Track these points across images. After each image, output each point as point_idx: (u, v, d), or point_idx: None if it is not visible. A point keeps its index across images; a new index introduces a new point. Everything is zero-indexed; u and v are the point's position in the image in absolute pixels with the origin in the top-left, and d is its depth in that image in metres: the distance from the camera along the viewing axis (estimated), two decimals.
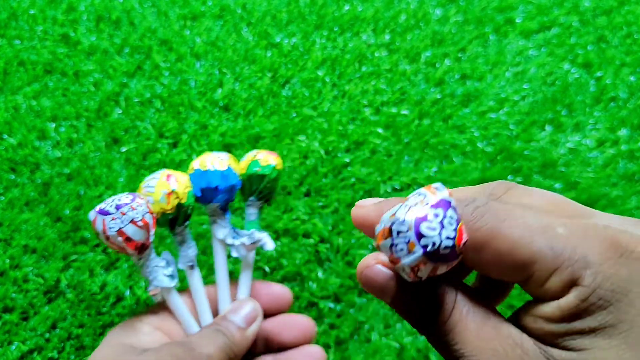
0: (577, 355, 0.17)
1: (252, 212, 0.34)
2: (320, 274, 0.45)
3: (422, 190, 0.18)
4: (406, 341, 0.43)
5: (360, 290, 0.46)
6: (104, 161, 0.47)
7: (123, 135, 0.49)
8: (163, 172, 0.31)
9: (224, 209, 0.33)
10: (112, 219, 0.28)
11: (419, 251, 0.17)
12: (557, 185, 0.50)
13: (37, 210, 0.45)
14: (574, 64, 0.57)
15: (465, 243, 0.18)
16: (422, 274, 0.17)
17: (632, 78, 0.57)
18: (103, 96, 0.50)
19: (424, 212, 0.17)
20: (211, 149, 0.49)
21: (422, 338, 0.44)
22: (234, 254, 0.33)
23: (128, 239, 0.28)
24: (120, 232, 0.28)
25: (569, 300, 0.17)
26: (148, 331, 0.31)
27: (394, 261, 0.18)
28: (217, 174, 0.31)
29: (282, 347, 0.35)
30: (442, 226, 0.17)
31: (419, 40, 0.57)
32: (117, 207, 0.28)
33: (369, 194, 0.49)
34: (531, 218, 0.18)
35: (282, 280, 0.45)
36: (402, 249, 0.17)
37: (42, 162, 0.47)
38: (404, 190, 0.49)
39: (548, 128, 0.53)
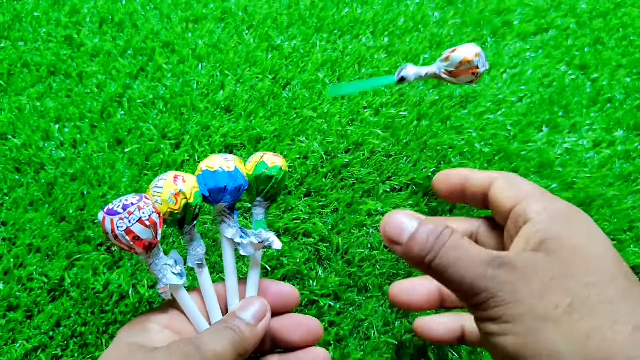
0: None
1: (259, 212, 0.35)
2: (320, 272, 0.46)
3: None
4: (405, 338, 0.44)
5: (360, 289, 0.46)
6: (107, 161, 0.48)
7: (126, 136, 0.49)
8: (170, 173, 0.32)
9: (232, 208, 0.34)
10: (120, 219, 0.29)
11: None
12: (554, 186, 0.51)
13: (41, 209, 0.46)
14: (570, 65, 0.58)
15: None
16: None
17: (627, 79, 0.57)
18: (106, 97, 0.51)
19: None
20: (213, 150, 0.50)
21: None
22: (242, 252, 0.34)
23: (136, 238, 0.29)
24: (127, 230, 0.29)
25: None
26: (157, 330, 0.32)
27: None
28: (225, 174, 0.32)
29: (288, 347, 0.35)
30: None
31: (418, 42, 0.58)
32: (124, 207, 0.29)
33: (367, 193, 0.50)
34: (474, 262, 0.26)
35: (283, 279, 0.45)
36: None
37: (46, 162, 0.48)
38: (402, 190, 0.50)
39: (545, 129, 0.54)
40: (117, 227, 0.29)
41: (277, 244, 0.35)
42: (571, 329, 0.22)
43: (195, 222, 0.33)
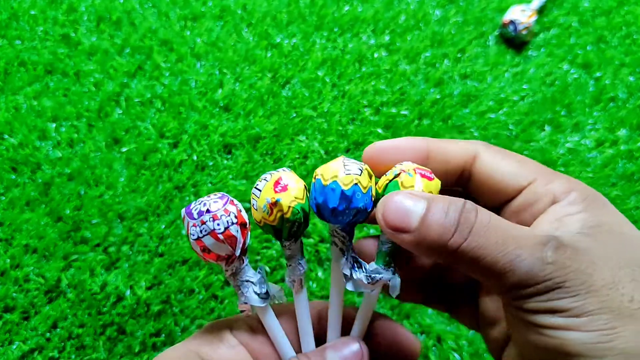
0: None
1: (383, 241, 0.27)
2: (320, 273, 0.46)
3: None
4: None
5: None
6: (105, 161, 0.48)
7: (124, 135, 0.49)
8: (276, 174, 0.26)
9: (347, 231, 0.27)
10: (193, 225, 0.25)
11: None
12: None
13: (38, 210, 0.45)
14: (573, 64, 0.57)
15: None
16: None
17: (631, 78, 0.57)
18: (104, 96, 0.50)
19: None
20: (211, 149, 0.49)
21: (422, 337, 0.44)
22: (349, 287, 0.27)
23: (205, 250, 0.25)
24: (198, 241, 0.25)
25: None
26: (232, 344, 0.27)
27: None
28: (337, 192, 0.25)
29: None
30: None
31: (419, 40, 0.57)
32: (200, 214, 0.25)
33: None
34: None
35: (282, 280, 0.45)
36: None
37: (43, 162, 0.47)
38: None
39: (547, 128, 0.53)
40: (190, 233, 0.25)
41: (394, 290, 0.27)
42: None
43: (295, 238, 0.27)
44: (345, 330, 0.29)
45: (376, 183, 0.26)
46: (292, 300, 0.28)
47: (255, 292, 0.27)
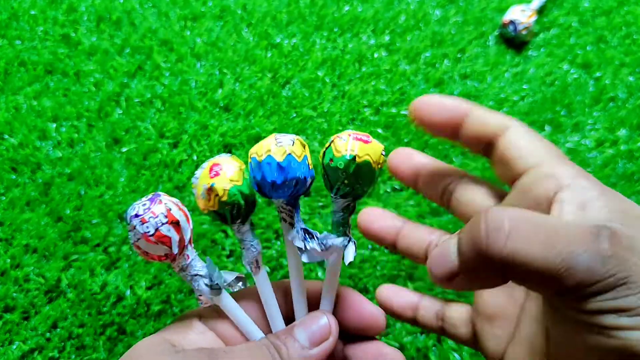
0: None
1: (335, 211, 0.28)
2: (320, 273, 0.46)
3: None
4: (406, 340, 0.43)
5: (360, 290, 0.46)
6: (105, 161, 0.48)
7: (124, 136, 0.49)
8: (211, 161, 0.26)
9: (293, 205, 0.27)
10: (129, 230, 0.25)
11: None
12: None
13: (38, 210, 0.45)
14: (573, 64, 0.57)
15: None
16: None
17: (631, 78, 0.57)
18: (104, 96, 0.50)
19: None
20: (211, 149, 0.49)
21: (422, 337, 0.44)
22: (304, 259, 0.27)
23: (144, 253, 0.26)
24: (135, 245, 0.25)
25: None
26: (200, 330, 0.28)
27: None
28: (274, 165, 0.25)
29: None
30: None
31: (419, 40, 0.57)
32: (130, 219, 0.25)
33: (367, 193, 0.49)
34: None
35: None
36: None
37: (43, 162, 0.47)
38: (403, 190, 0.49)
39: (547, 128, 0.53)
40: (129, 238, 0.25)
41: (348, 256, 0.27)
42: None
43: (241, 220, 0.27)
44: (315, 305, 0.29)
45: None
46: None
47: (206, 284, 0.27)
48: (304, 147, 0.26)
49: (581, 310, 0.19)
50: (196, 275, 0.27)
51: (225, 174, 0.26)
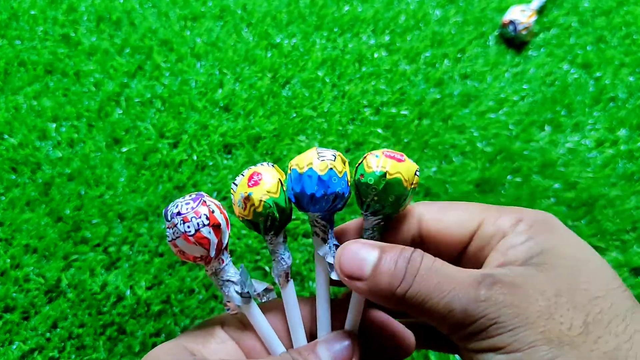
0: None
1: (366, 229, 0.28)
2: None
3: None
4: None
5: None
6: (105, 161, 0.48)
7: (124, 136, 0.49)
8: (252, 169, 0.26)
9: (327, 220, 0.27)
10: (167, 227, 0.25)
11: None
12: (557, 185, 0.50)
13: (38, 210, 0.45)
14: (573, 64, 0.57)
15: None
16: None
17: (631, 78, 0.57)
18: (104, 96, 0.50)
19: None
20: (211, 149, 0.49)
21: None
22: (334, 276, 0.27)
23: (181, 252, 0.25)
24: (173, 243, 0.25)
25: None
26: (222, 339, 0.27)
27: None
28: (314, 178, 0.25)
29: None
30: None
31: (419, 40, 0.57)
32: (172, 216, 0.25)
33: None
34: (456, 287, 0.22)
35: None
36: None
37: (43, 162, 0.47)
38: None
39: (547, 128, 0.53)
40: (166, 235, 0.25)
41: None
42: (589, 352, 0.20)
43: (274, 232, 0.27)
44: (340, 324, 0.28)
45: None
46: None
47: (237, 292, 0.27)
48: (345, 163, 0.27)
49: (469, 350, 0.22)
50: (228, 281, 0.27)
51: (264, 184, 0.26)
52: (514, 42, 0.58)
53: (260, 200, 0.25)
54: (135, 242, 0.45)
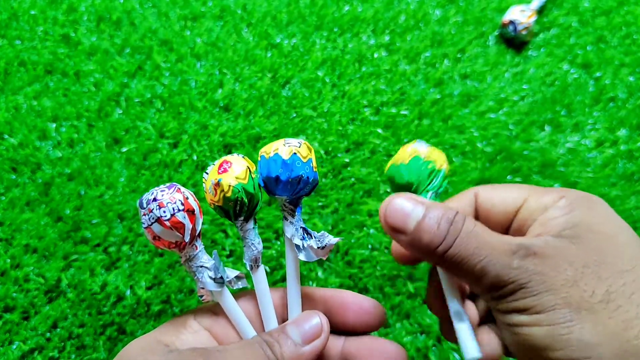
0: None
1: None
2: (320, 273, 0.46)
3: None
4: (406, 340, 0.43)
5: (360, 290, 0.46)
6: (105, 161, 0.48)
7: (124, 136, 0.49)
8: (223, 158, 0.28)
9: (294, 204, 0.29)
10: (143, 214, 0.26)
11: None
12: (556, 186, 0.50)
13: (38, 210, 0.45)
14: (573, 64, 0.57)
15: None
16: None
17: (631, 78, 0.57)
18: (104, 96, 0.50)
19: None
20: (211, 149, 0.49)
21: (422, 337, 0.44)
22: (302, 257, 0.28)
23: (156, 238, 0.26)
24: (148, 229, 0.26)
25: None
26: (195, 329, 0.28)
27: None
28: (279, 162, 0.27)
29: None
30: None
31: (419, 40, 0.57)
32: (148, 202, 0.26)
33: (368, 193, 0.49)
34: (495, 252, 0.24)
35: (283, 280, 0.45)
36: None
37: (43, 162, 0.47)
38: None
39: (547, 128, 0.53)
40: (142, 222, 0.26)
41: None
42: (607, 318, 0.22)
43: (244, 218, 0.28)
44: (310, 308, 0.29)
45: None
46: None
47: (210, 277, 0.27)
48: (310, 150, 0.28)
49: (498, 311, 0.24)
50: (202, 266, 0.28)
51: (233, 171, 0.27)
52: (514, 42, 0.58)
53: (229, 186, 0.27)
54: (135, 242, 0.45)
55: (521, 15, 0.57)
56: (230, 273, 0.29)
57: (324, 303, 0.30)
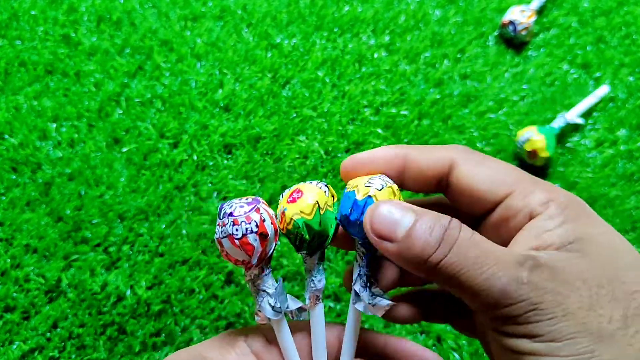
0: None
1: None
2: None
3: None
4: None
5: None
6: (105, 161, 0.48)
7: (124, 136, 0.49)
8: (298, 185, 0.26)
9: (365, 247, 0.26)
10: (218, 224, 0.25)
11: None
12: (557, 186, 0.50)
13: (38, 210, 0.45)
14: (572, 64, 0.58)
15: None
16: None
17: (630, 78, 0.57)
18: (104, 96, 0.50)
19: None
20: (212, 149, 0.49)
21: (422, 337, 0.44)
22: (359, 307, 0.27)
23: (225, 252, 0.25)
24: (219, 241, 0.25)
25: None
26: (242, 352, 0.27)
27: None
28: (351, 200, 0.25)
29: None
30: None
31: (419, 40, 0.57)
32: (224, 215, 0.25)
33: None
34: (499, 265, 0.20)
35: (282, 279, 0.45)
36: None
37: (44, 162, 0.47)
38: (402, 190, 0.49)
39: None
40: (215, 231, 0.25)
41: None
42: (627, 346, 0.19)
43: (307, 252, 0.26)
44: (365, 354, 0.28)
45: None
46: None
47: (270, 304, 0.26)
48: (394, 195, 0.25)
49: (500, 332, 0.21)
50: (264, 291, 0.27)
51: (301, 203, 0.25)
52: (514, 42, 0.58)
53: (291, 219, 0.25)
54: (136, 242, 0.45)
55: (521, 16, 0.57)
56: (293, 304, 0.27)
57: (383, 349, 0.28)
